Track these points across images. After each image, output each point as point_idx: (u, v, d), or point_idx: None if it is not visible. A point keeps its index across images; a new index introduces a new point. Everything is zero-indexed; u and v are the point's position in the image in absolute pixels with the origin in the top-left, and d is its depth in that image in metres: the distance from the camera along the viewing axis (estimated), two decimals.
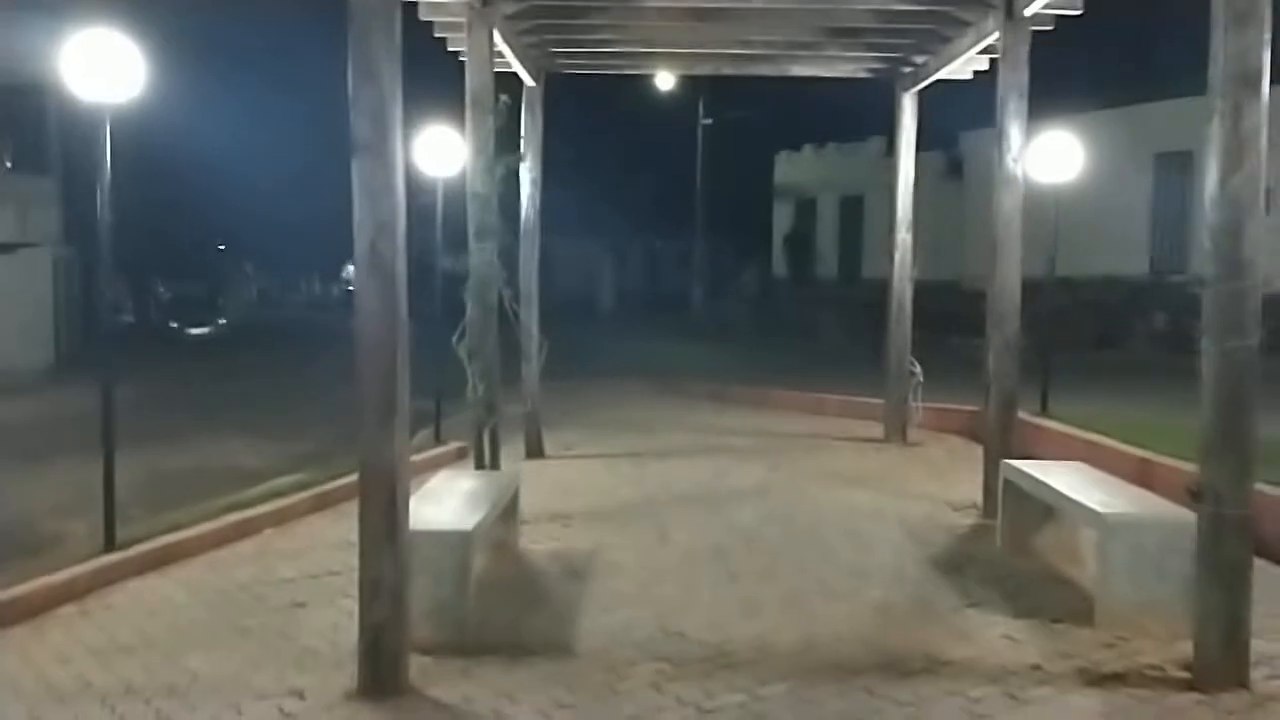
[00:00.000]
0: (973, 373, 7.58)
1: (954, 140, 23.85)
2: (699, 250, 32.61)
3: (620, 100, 28.46)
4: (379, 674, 4.06)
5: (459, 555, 4.60)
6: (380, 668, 4.06)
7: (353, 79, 3.92)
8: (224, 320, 32.52)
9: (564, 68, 9.80)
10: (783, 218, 31.43)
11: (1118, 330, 18.35)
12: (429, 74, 8.13)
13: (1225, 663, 4.11)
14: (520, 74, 9.02)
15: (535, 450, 9.38)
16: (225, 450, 9.68)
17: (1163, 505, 5.13)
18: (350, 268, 5.59)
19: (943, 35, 8.46)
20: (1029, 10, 6.83)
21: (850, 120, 24.58)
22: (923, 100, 9.94)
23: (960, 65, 8.77)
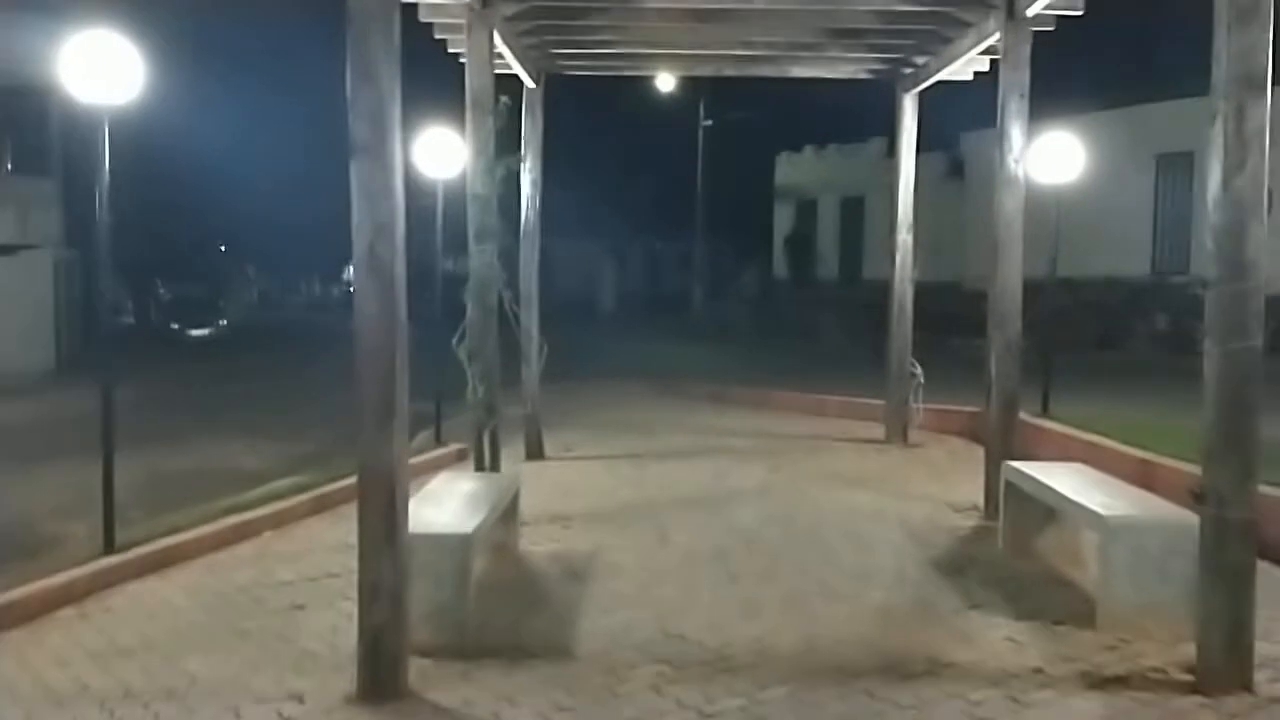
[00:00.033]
0: (973, 374, 7.57)
1: (955, 141, 23.83)
2: (699, 251, 32.61)
3: (621, 101, 28.48)
4: (378, 677, 4.04)
5: (459, 558, 4.58)
6: (379, 671, 4.05)
7: (351, 80, 3.90)
8: (224, 322, 32.53)
9: (564, 69, 9.79)
10: (783, 219, 31.41)
11: (1119, 331, 18.33)
12: (429, 75, 8.13)
13: (1228, 666, 4.09)
14: (520, 75, 9.01)
15: (535, 452, 9.36)
16: (225, 452, 9.67)
17: (1165, 507, 5.11)
18: (351, 269, 5.58)
19: (943, 36, 8.44)
20: (1030, 11, 6.82)
21: (851, 121, 24.58)
22: (923, 101, 9.93)
23: (961, 66, 8.75)
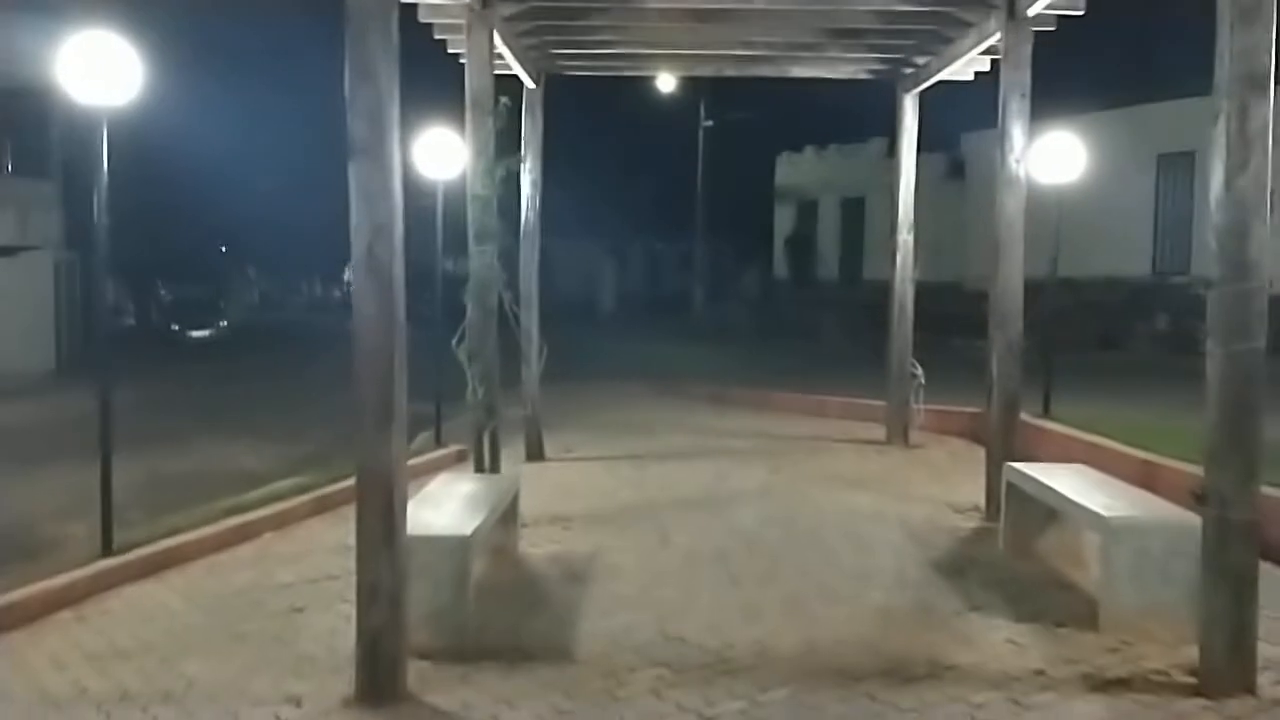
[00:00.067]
0: (974, 374, 7.56)
1: (955, 142, 23.81)
2: (700, 252, 32.60)
3: (621, 102, 28.46)
4: (377, 680, 4.02)
5: (458, 560, 4.57)
6: (378, 673, 4.03)
7: (350, 80, 3.89)
8: (225, 323, 32.52)
9: (564, 69, 9.77)
10: (784, 219, 31.37)
11: (1119, 331, 18.31)
12: (429, 75, 8.11)
13: (1231, 668, 4.07)
14: (520, 76, 8.99)
15: (535, 453, 9.34)
16: (226, 453, 9.66)
17: (1167, 508, 5.09)
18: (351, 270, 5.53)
19: (944, 36, 8.43)
20: (1031, 10, 6.80)
21: (851, 121, 24.55)
22: (924, 102, 9.91)
23: (962, 66, 8.74)
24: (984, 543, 6.41)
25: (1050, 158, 9.23)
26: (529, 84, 9.28)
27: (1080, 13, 7.17)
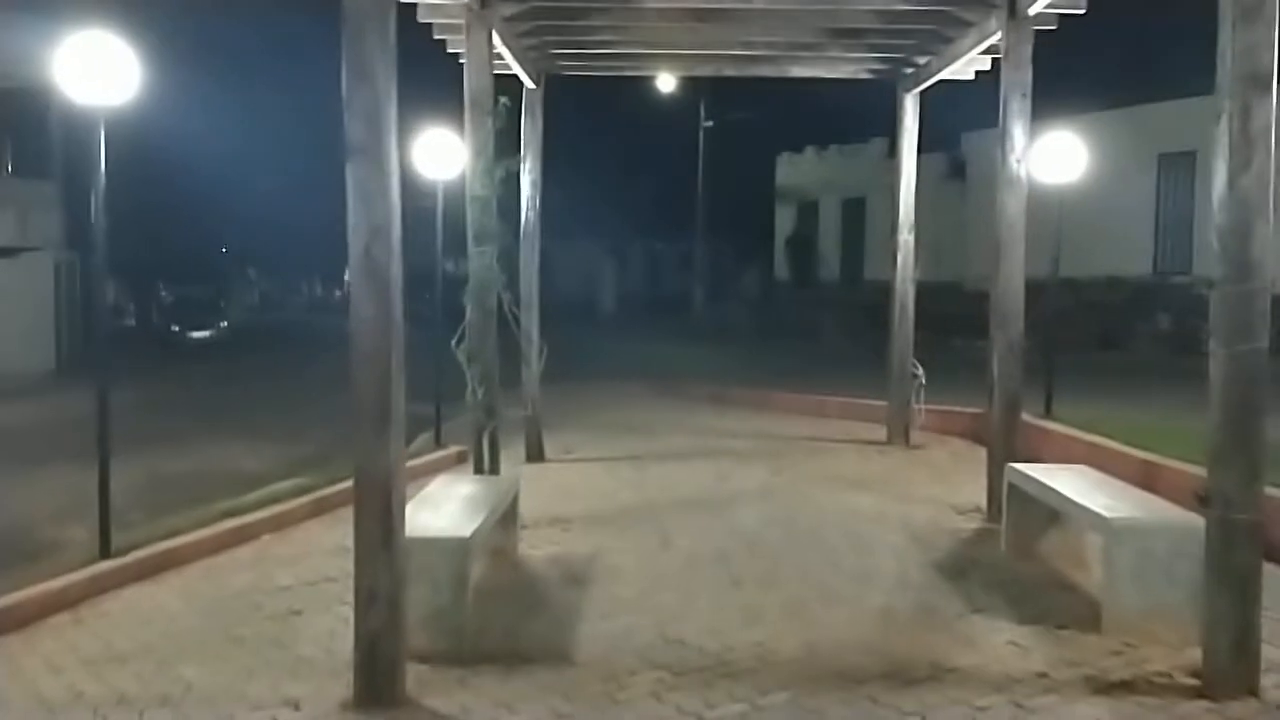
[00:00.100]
0: (975, 374, 7.53)
1: (956, 142, 23.78)
2: (700, 252, 32.57)
3: (621, 102, 28.45)
4: (375, 683, 4.00)
5: (456, 562, 4.54)
6: (376, 677, 4.00)
7: (347, 80, 3.86)
8: (225, 323, 32.47)
9: (564, 69, 9.75)
10: (784, 220, 31.36)
11: (1121, 331, 18.28)
12: (429, 76, 8.09)
13: (1235, 670, 4.05)
14: (520, 76, 8.96)
15: (535, 454, 9.32)
16: (225, 454, 9.64)
17: (1169, 509, 5.07)
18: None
19: (944, 35, 8.40)
20: (1032, 10, 6.77)
21: (852, 122, 24.54)
22: (924, 102, 9.89)
23: (962, 66, 8.72)
24: (986, 544, 6.39)
25: (1051, 157, 9.20)
26: (529, 84, 9.26)
27: (1081, 12, 7.16)
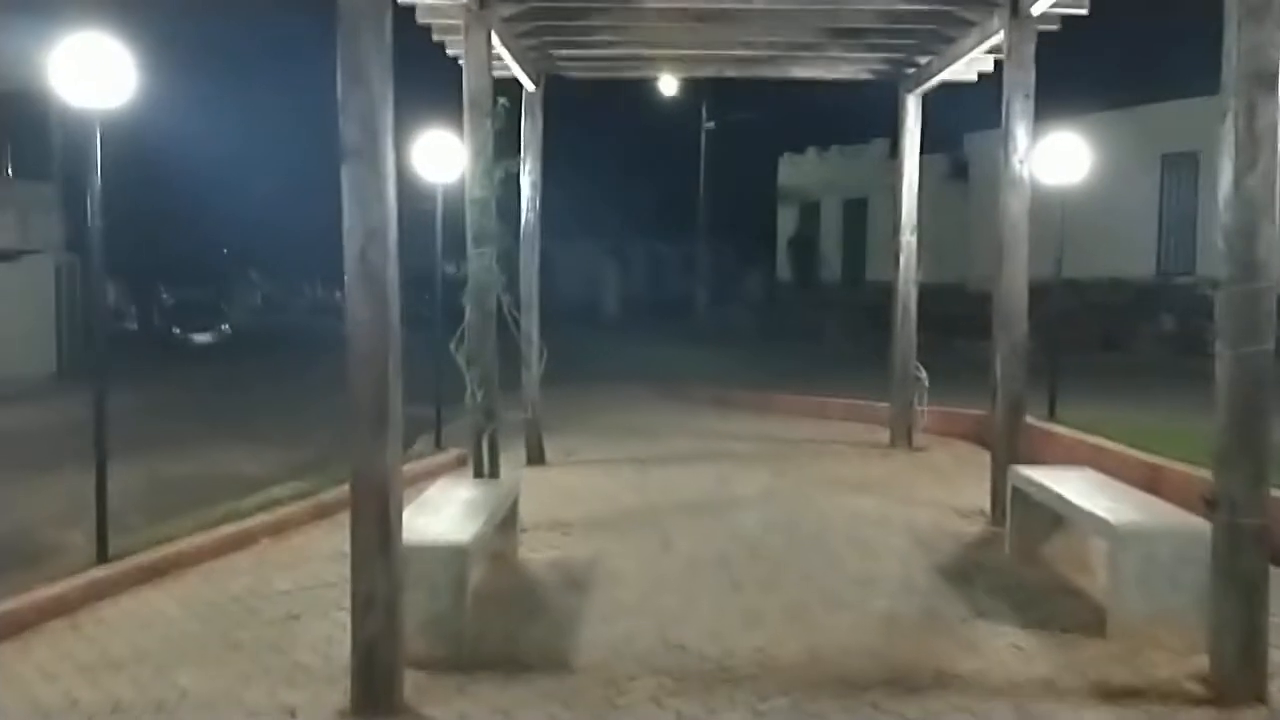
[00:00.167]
0: (978, 376, 7.48)
1: (958, 143, 23.74)
2: (702, 254, 32.53)
3: (623, 104, 28.38)
4: (372, 690, 3.96)
5: (455, 568, 4.50)
6: (373, 684, 3.96)
7: (342, 82, 3.82)
8: (227, 326, 32.45)
9: (564, 70, 9.71)
10: (786, 221, 31.32)
11: (1124, 333, 18.23)
12: (431, 78, 8.06)
13: (1242, 675, 4.01)
14: (520, 77, 8.93)
15: (536, 457, 9.28)
16: (226, 457, 9.62)
17: (1174, 513, 5.02)
18: None
19: (946, 35, 8.36)
20: (1034, 9, 6.73)
21: (854, 123, 24.50)
22: (926, 103, 9.85)
23: (964, 66, 8.67)
24: (989, 548, 6.34)
25: (1054, 158, 9.16)
26: (529, 86, 9.22)
27: (1084, 12, 7.12)
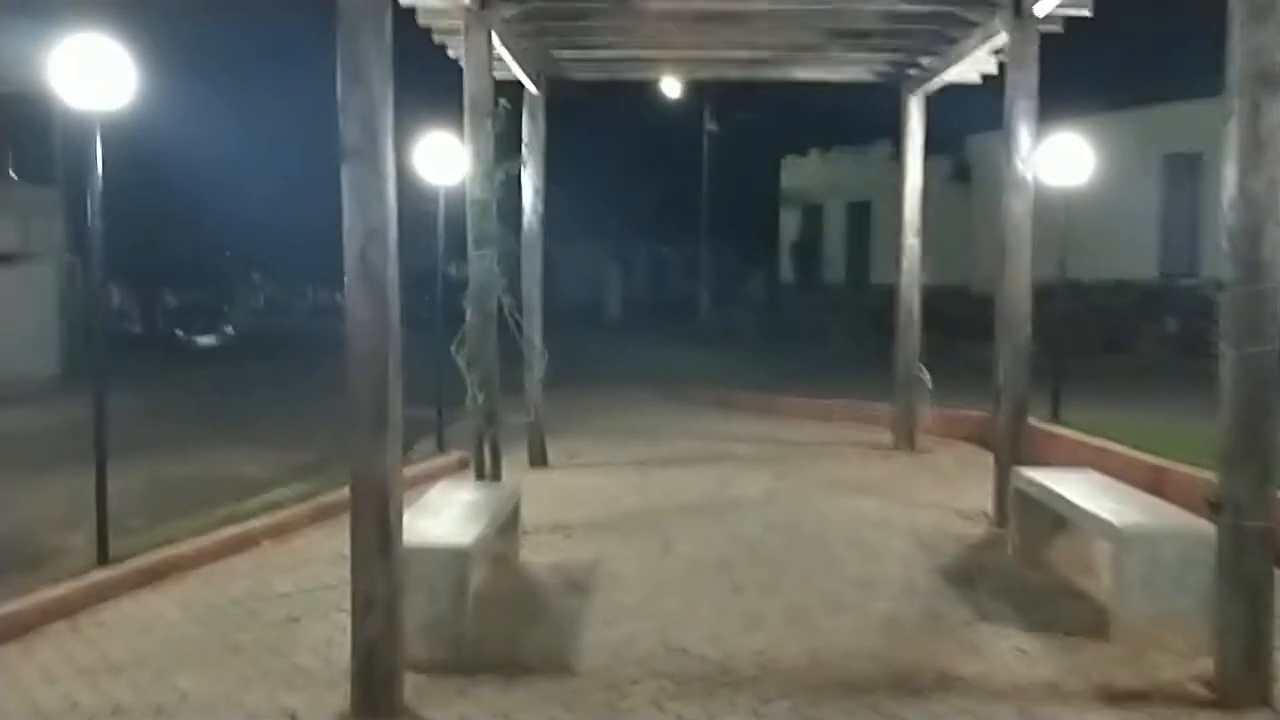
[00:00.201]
0: (981, 378, 7.46)
1: (961, 145, 23.69)
2: (705, 256, 32.49)
3: (624, 106, 28.37)
4: (372, 693, 3.94)
5: (456, 570, 4.49)
6: (373, 686, 3.94)
7: (342, 82, 3.81)
8: (230, 328, 32.44)
9: (566, 72, 9.70)
10: (789, 223, 31.28)
11: (1127, 334, 18.19)
12: (435, 80, 8.05)
13: (1247, 679, 3.99)
14: (522, 79, 8.92)
15: (538, 459, 9.27)
16: (228, 459, 9.58)
17: (1178, 515, 5.00)
18: None
19: (948, 36, 8.35)
20: (1038, 10, 6.71)
21: (856, 125, 24.44)
22: (929, 105, 9.84)
23: (968, 68, 8.66)
24: (992, 550, 6.32)
25: (1057, 160, 9.14)
26: (531, 88, 9.21)
27: (1087, 13, 7.10)
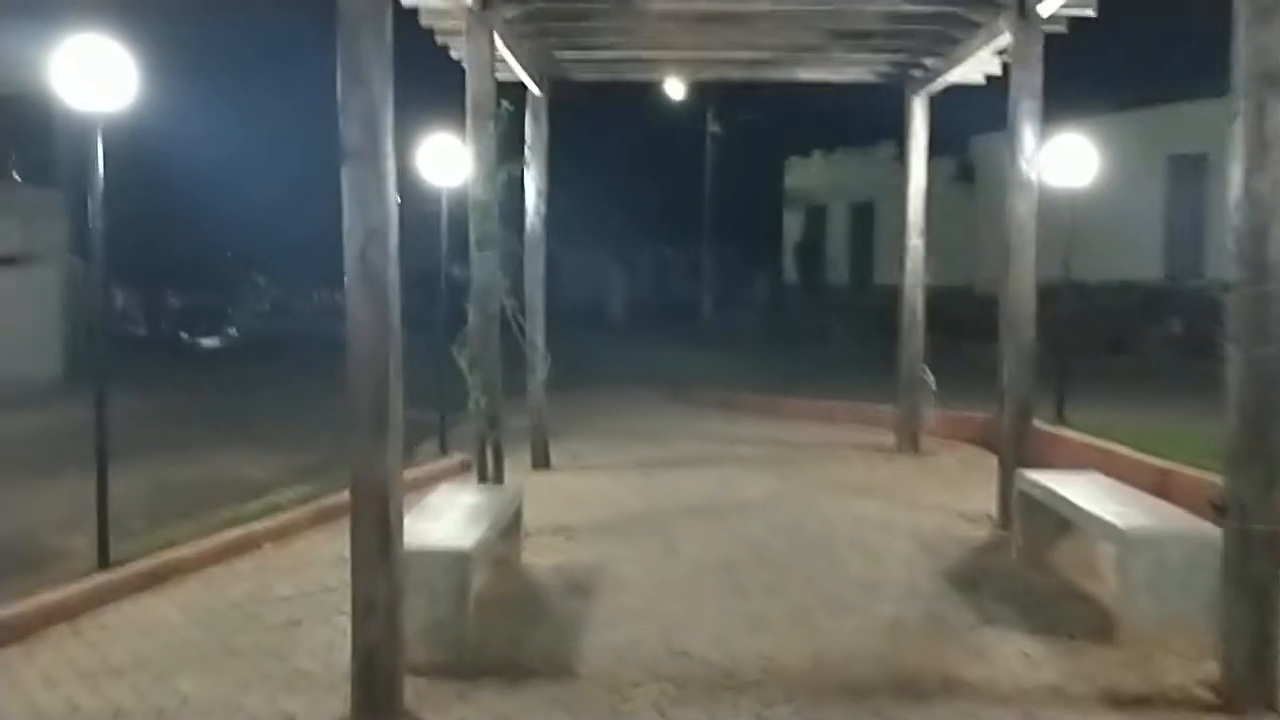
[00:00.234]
0: (986, 379, 7.43)
1: (965, 146, 23.65)
2: (708, 258, 32.47)
3: (628, 107, 28.36)
4: (372, 696, 3.92)
5: (457, 573, 4.47)
6: (373, 690, 3.92)
7: (342, 83, 3.79)
8: (234, 331, 32.43)
9: (568, 73, 9.68)
10: (792, 224, 31.27)
11: (1132, 336, 18.15)
12: (439, 81, 8.04)
13: (1253, 683, 3.96)
14: (525, 80, 8.90)
15: (541, 461, 9.25)
16: (231, 462, 9.56)
17: (1184, 518, 4.97)
18: None
19: (952, 37, 8.32)
20: (1041, 9, 6.69)
21: (860, 126, 24.41)
22: (933, 106, 9.81)
23: (971, 68, 8.63)
24: (996, 553, 6.29)
25: (1061, 160, 9.11)
26: (534, 89, 9.20)
27: (1092, 13, 7.07)
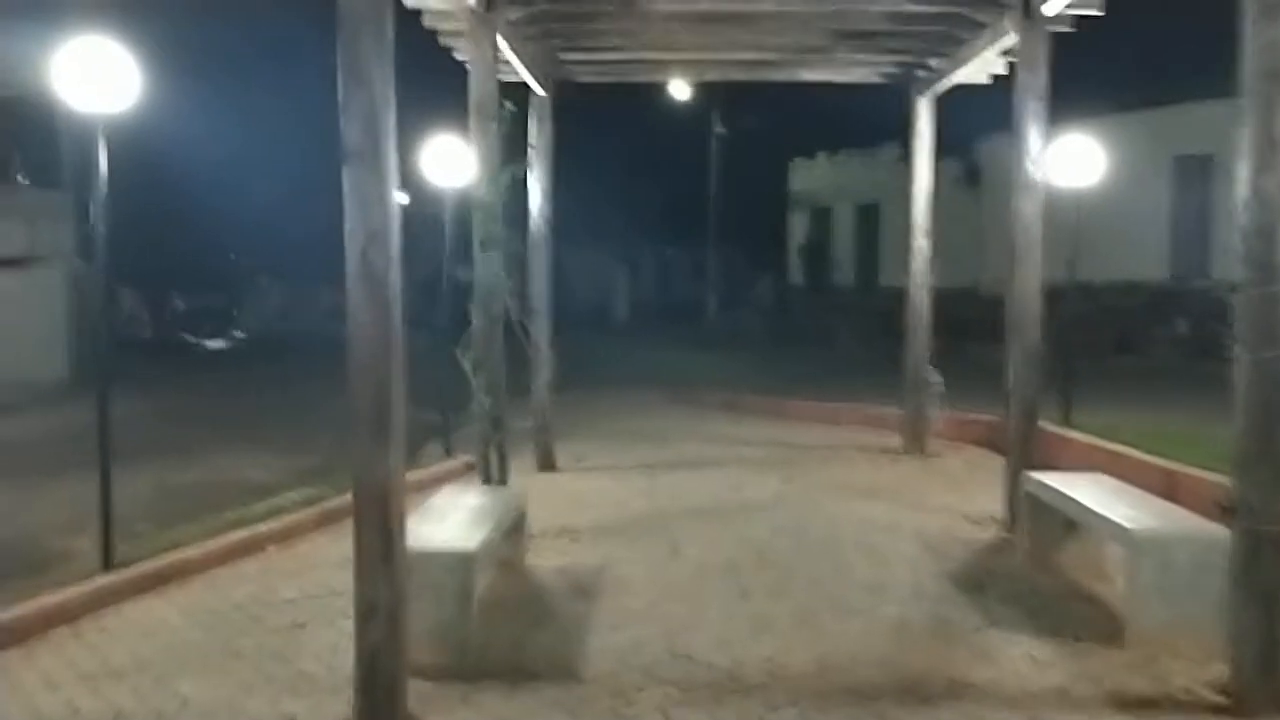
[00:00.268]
0: (992, 381, 7.40)
1: (970, 147, 23.60)
2: (713, 259, 32.45)
3: (632, 109, 28.34)
4: (375, 700, 3.90)
5: (460, 576, 4.45)
6: (376, 693, 3.90)
7: (343, 84, 3.77)
8: (240, 332, 32.48)
9: (572, 75, 9.67)
10: (798, 226, 31.23)
11: (1138, 336, 18.09)
12: (443, 82, 8.03)
13: (1262, 685, 3.93)
14: (528, 82, 8.89)
15: (545, 463, 9.23)
16: (235, 464, 9.56)
17: (1192, 519, 4.94)
18: None
19: (957, 37, 8.30)
20: (1047, 10, 6.66)
21: (865, 127, 24.38)
22: (939, 106, 9.78)
23: (977, 69, 8.60)
24: (1003, 555, 6.26)
25: (1067, 161, 9.06)
26: (538, 91, 9.18)
27: (1099, 13, 7.03)
